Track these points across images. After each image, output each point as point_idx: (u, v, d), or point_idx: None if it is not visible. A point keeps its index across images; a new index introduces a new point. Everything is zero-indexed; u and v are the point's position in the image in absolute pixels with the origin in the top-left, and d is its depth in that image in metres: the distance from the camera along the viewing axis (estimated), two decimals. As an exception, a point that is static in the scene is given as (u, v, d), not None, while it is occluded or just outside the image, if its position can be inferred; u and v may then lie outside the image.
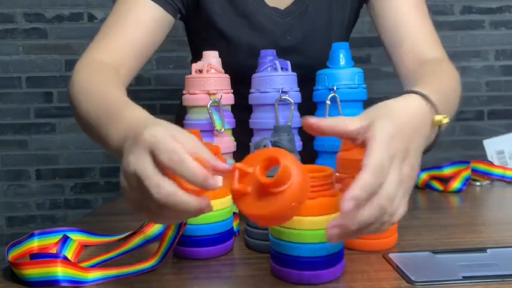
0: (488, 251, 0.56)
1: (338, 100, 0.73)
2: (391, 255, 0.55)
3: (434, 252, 0.57)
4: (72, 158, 2.05)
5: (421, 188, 0.96)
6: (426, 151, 0.51)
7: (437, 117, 0.50)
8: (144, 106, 0.52)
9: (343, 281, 0.51)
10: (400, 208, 0.43)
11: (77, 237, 0.63)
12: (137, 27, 0.78)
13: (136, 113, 0.50)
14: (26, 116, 2.02)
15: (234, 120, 0.77)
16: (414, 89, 0.52)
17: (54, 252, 0.56)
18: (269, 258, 0.56)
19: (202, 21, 0.90)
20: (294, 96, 0.75)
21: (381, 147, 0.42)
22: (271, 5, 0.89)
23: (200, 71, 0.75)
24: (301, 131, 0.78)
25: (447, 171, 0.97)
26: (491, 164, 1.02)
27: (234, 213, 0.64)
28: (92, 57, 0.75)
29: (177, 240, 0.55)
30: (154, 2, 0.80)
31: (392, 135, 0.43)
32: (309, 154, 0.75)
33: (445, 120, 0.50)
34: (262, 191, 0.41)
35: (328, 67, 0.77)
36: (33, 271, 0.49)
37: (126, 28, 0.77)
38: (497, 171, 1.00)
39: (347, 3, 0.93)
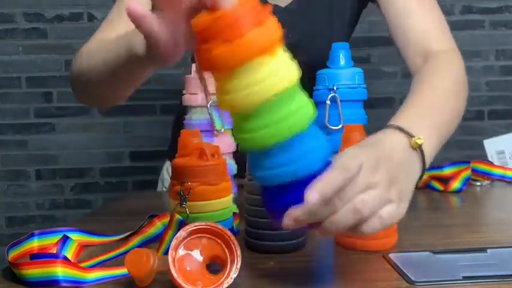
0: (488, 251, 0.56)
1: (338, 100, 0.73)
2: (391, 255, 0.55)
3: (434, 252, 0.57)
4: (72, 158, 2.05)
5: (421, 188, 0.96)
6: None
7: (412, 141, 0.51)
8: (144, 106, 0.52)
9: (344, 281, 0.51)
10: (375, 219, 0.43)
11: (77, 237, 0.63)
12: None
13: None
14: (26, 116, 2.02)
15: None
16: (395, 121, 0.54)
17: (54, 252, 0.56)
18: (269, 258, 0.56)
19: None
20: (294, 96, 0.74)
21: (346, 154, 0.44)
22: (272, 2, 0.89)
23: (200, 71, 0.75)
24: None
25: (447, 171, 0.97)
26: (491, 164, 1.02)
27: (234, 213, 0.64)
28: (97, 39, 0.75)
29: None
30: None
31: (358, 147, 0.46)
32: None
33: (420, 141, 0.50)
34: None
35: (328, 67, 0.77)
36: (33, 271, 0.49)
37: (127, 18, 0.77)
38: (497, 171, 1.00)
39: (347, 2, 0.93)
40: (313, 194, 0.40)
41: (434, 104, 0.61)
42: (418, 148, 0.51)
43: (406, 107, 0.59)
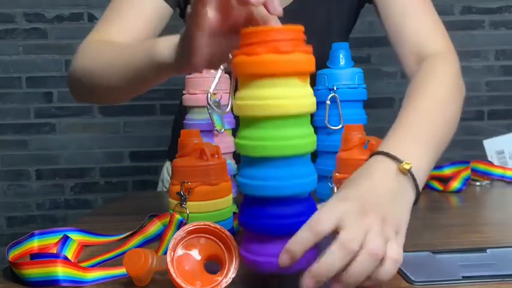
0: (488, 251, 0.56)
1: (338, 100, 0.73)
2: (391, 255, 0.55)
3: (434, 252, 0.57)
4: (72, 158, 2.05)
5: (421, 188, 0.96)
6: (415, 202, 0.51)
7: (400, 166, 0.50)
8: (144, 106, 0.52)
9: (343, 281, 0.51)
10: (389, 250, 0.42)
11: (77, 237, 0.63)
12: (138, 17, 0.79)
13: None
14: (26, 116, 2.02)
15: (234, 120, 0.77)
16: (384, 145, 0.53)
17: (54, 252, 0.56)
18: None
19: None
20: (294, 96, 0.74)
21: (322, 208, 0.44)
22: None
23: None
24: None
25: (447, 171, 0.97)
26: (491, 164, 1.02)
27: (234, 213, 0.64)
28: (96, 38, 0.75)
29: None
30: None
31: (338, 199, 0.45)
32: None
33: (408, 166, 0.50)
34: None
35: (328, 67, 0.77)
36: (33, 271, 0.49)
37: (126, 17, 0.78)
38: (497, 171, 1.00)
39: (345, 3, 0.93)
40: (283, 257, 0.42)
41: (428, 118, 0.60)
42: (408, 172, 0.50)
43: (397, 127, 0.58)
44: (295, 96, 0.43)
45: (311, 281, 0.41)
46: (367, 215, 0.43)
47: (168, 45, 0.52)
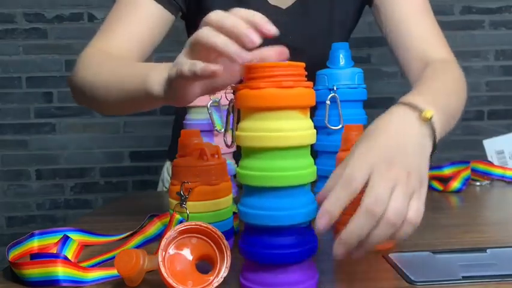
0: (488, 251, 0.56)
1: (338, 100, 0.73)
2: (391, 255, 0.55)
3: (434, 252, 0.57)
4: (72, 158, 2.05)
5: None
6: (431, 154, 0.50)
7: (421, 115, 0.49)
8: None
9: (343, 281, 0.51)
10: (410, 212, 0.44)
11: (77, 237, 0.63)
12: (140, 24, 0.79)
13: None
14: (26, 116, 2.02)
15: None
16: (404, 97, 0.53)
17: (55, 252, 0.56)
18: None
19: (204, 17, 0.89)
20: (294, 96, 0.74)
21: (352, 162, 0.44)
22: (272, 3, 0.89)
23: (200, 71, 0.75)
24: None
25: (447, 171, 0.97)
26: (491, 164, 1.02)
27: (234, 213, 0.64)
28: (98, 47, 0.75)
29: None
30: (156, 1, 0.80)
31: (366, 148, 0.45)
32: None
33: (430, 114, 0.49)
34: None
35: (328, 67, 0.77)
36: (34, 271, 0.49)
37: (129, 24, 0.78)
38: (497, 171, 1.00)
39: (348, 4, 0.93)
40: (321, 220, 0.42)
41: (440, 94, 0.60)
42: (429, 121, 0.49)
43: (412, 92, 0.57)
44: (296, 128, 0.44)
45: (341, 247, 0.42)
46: (393, 168, 0.44)
47: (159, 80, 0.53)
